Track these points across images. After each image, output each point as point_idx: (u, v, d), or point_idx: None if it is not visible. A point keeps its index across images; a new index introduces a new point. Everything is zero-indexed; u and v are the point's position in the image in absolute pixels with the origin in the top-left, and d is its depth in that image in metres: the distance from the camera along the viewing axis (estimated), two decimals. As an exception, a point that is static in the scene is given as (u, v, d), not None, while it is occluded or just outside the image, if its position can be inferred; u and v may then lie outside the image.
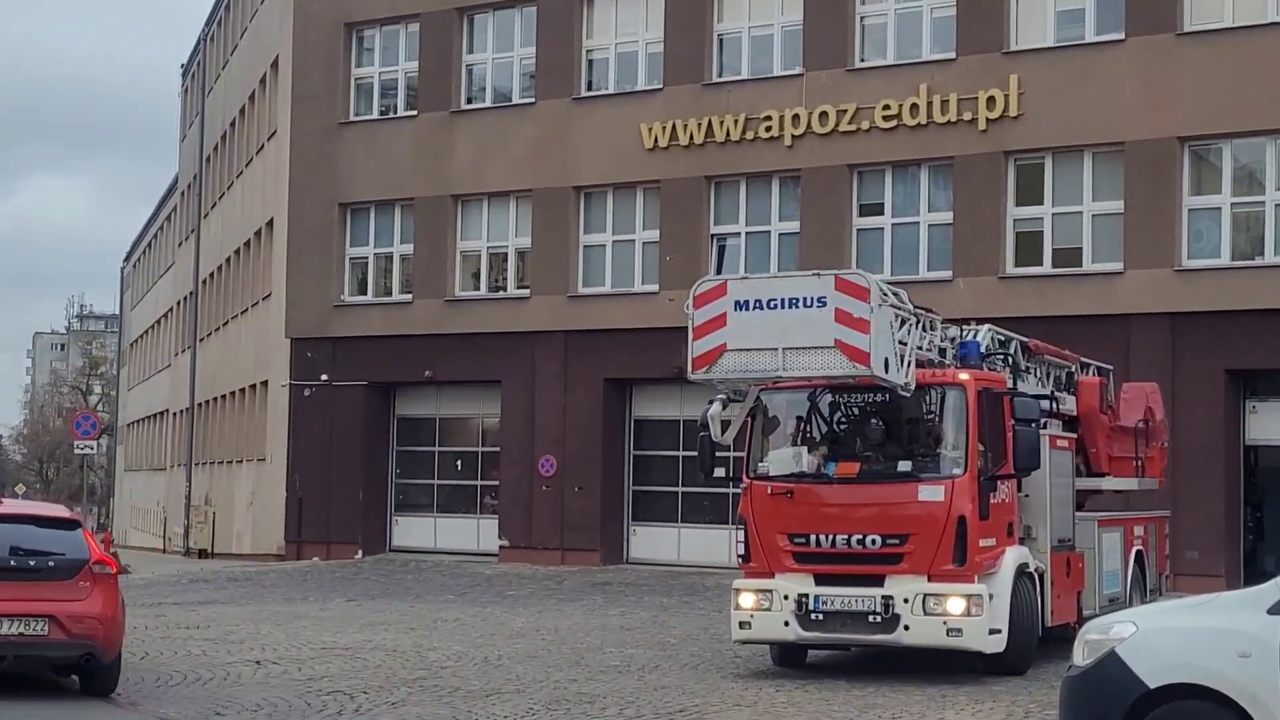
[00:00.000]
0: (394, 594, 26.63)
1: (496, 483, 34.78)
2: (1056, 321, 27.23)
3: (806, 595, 15.39)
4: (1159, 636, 9.15)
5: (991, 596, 15.16)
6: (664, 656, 17.36)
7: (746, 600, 15.75)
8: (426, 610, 23.31)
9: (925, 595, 15.01)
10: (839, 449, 15.83)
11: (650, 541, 32.97)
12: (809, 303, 14.78)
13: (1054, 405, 18.10)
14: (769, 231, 31.67)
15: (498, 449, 34.73)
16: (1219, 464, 26.71)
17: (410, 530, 36.37)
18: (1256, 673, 8.59)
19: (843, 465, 15.54)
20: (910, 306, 15.54)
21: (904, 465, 15.44)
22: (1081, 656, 9.37)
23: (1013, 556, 15.63)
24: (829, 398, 15.97)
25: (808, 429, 16.16)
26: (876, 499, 15.35)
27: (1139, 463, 20.60)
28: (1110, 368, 21.87)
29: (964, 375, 15.68)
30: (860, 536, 15.24)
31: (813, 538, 15.43)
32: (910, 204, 30.37)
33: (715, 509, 31.99)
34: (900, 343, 15.15)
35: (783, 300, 14.89)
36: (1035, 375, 18.67)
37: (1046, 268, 28.82)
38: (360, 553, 35.68)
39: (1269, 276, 26.74)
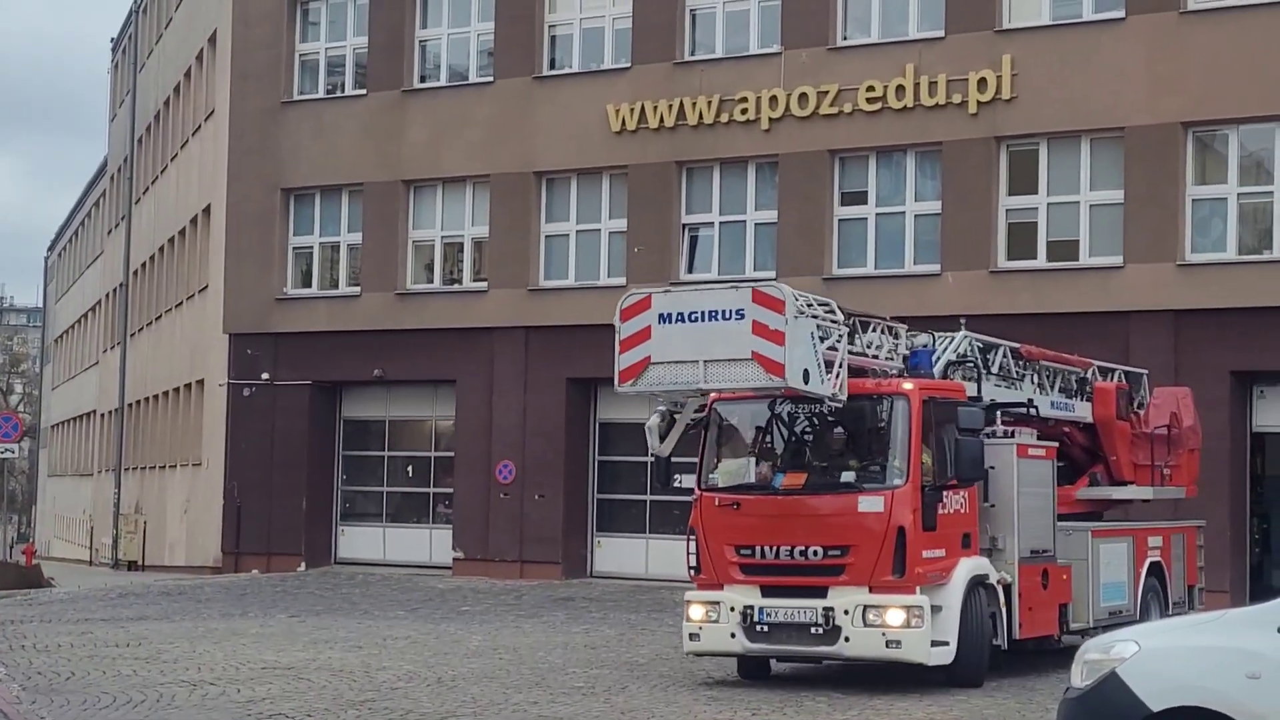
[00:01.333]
0: (340, 609, 26.55)
1: (450, 490, 34.73)
2: (1051, 319, 27.42)
3: (752, 607, 16.40)
4: (1162, 657, 9.18)
5: (939, 608, 15.98)
6: (632, 677, 17.37)
7: (696, 612, 16.83)
8: (375, 627, 23.26)
9: (865, 607, 15.90)
10: (787, 460, 16.86)
11: (616, 553, 32.97)
12: (728, 315, 15.73)
13: (1032, 412, 18.72)
14: (744, 221, 31.71)
15: (452, 454, 34.67)
16: (1224, 472, 26.81)
17: (357, 541, 36.28)
18: (1267, 695, 8.62)
19: (790, 476, 16.51)
20: (841, 316, 16.41)
21: (847, 476, 16.37)
22: (1080, 678, 9.39)
23: (966, 568, 16.39)
24: (779, 409, 16.88)
25: (757, 440, 17.20)
26: (819, 510, 16.26)
27: (1160, 470, 21.15)
28: (1144, 372, 22.43)
29: (908, 385, 16.56)
30: (803, 548, 16.21)
31: (758, 549, 16.47)
32: (895, 192, 30.44)
33: (685, 519, 31.88)
34: (831, 349, 16.04)
35: (703, 313, 15.86)
36: (1031, 381, 19.28)
37: (1041, 261, 28.93)
38: (303, 565, 35.58)
39: (1277, 272, 26.89)
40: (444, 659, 19.00)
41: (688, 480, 18.19)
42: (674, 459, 17.53)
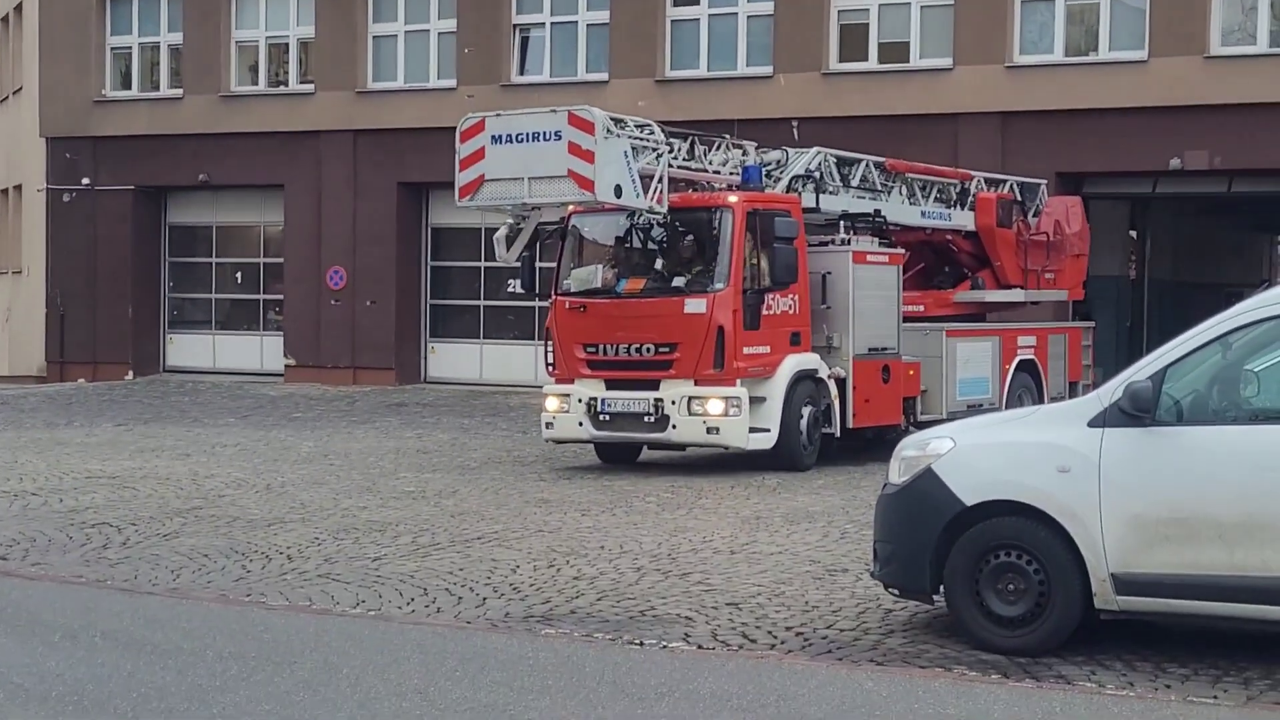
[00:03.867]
0: (168, 417, 26.31)
1: (281, 297, 34.37)
2: (882, 120, 27.60)
3: (596, 399, 18.40)
4: (976, 452, 9.37)
5: (763, 399, 17.93)
6: (463, 481, 17.47)
7: (551, 404, 18.87)
8: (204, 435, 23.10)
9: (690, 398, 17.87)
10: (629, 268, 18.60)
11: (450, 359, 32.96)
12: (547, 136, 17.30)
13: (878, 222, 20.14)
14: (576, 22, 31.30)
15: (281, 260, 34.26)
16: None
17: (186, 349, 35.87)
18: (1075, 488, 8.85)
19: (630, 282, 18.35)
20: (661, 135, 17.89)
21: (677, 281, 18.13)
22: (898, 474, 9.56)
23: (792, 363, 18.28)
24: (628, 222, 18.48)
25: (606, 250, 18.98)
26: (652, 312, 18.07)
27: (1041, 275, 22.77)
28: (1041, 182, 23.75)
29: (732, 198, 18.18)
30: (638, 345, 18.11)
31: (602, 347, 18.38)
32: (729, -7, 30.20)
33: (520, 324, 32.02)
34: (652, 165, 17.60)
35: (528, 134, 17.45)
36: (901, 193, 20.93)
37: (872, 63, 28.99)
38: (131, 373, 35.14)
39: (1103, 74, 27.25)
40: (273, 465, 18.94)
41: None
42: (538, 266, 19.04)
